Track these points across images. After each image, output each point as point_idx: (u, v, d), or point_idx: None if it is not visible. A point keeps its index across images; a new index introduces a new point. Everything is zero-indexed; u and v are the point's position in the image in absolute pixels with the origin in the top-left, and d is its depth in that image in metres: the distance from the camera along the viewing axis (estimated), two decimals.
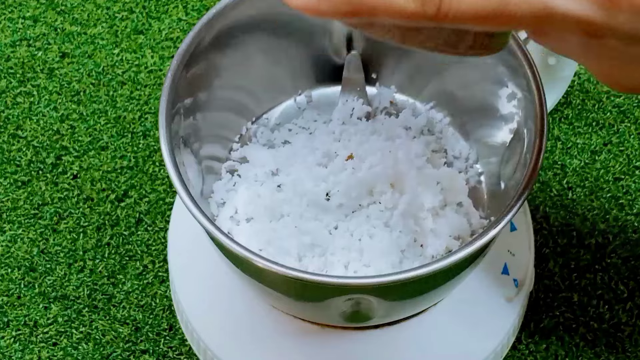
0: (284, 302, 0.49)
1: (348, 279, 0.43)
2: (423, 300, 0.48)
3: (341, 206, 0.49)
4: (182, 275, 0.54)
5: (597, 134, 0.64)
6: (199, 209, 0.41)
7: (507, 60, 0.46)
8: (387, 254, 0.47)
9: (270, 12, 0.49)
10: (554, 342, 0.56)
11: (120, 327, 0.56)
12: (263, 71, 0.52)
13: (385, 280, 0.40)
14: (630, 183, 0.62)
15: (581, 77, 0.66)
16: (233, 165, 0.52)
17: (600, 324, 0.57)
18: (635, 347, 0.56)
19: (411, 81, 0.54)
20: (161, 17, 0.69)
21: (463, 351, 0.51)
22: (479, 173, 0.52)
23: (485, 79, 0.49)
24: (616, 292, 0.58)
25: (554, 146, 0.64)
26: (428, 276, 0.40)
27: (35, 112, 0.64)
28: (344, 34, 0.52)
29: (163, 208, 0.60)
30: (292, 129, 0.53)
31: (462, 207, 0.50)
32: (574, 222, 0.61)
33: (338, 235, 0.48)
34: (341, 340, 0.50)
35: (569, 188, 0.62)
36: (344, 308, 0.45)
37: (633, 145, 0.63)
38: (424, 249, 0.48)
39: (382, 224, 0.48)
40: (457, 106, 0.53)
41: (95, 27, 0.68)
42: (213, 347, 0.51)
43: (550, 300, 0.57)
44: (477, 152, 0.52)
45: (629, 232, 0.60)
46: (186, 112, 0.47)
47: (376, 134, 0.51)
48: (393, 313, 0.49)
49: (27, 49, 0.67)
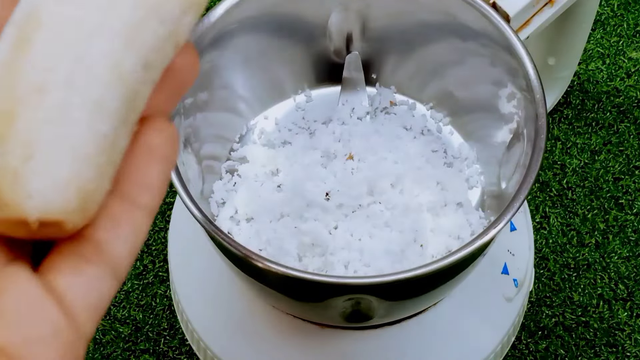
0: (284, 302, 0.49)
1: (348, 279, 0.43)
2: (423, 300, 0.48)
3: (341, 206, 0.49)
4: (182, 275, 0.54)
5: (596, 134, 0.64)
6: (199, 209, 0.41)
7: (507, 60, 0.46)
8: (387, 254, 0.47)
9: (270, 12, 0.49)
10: (554, 342, 0.56)
11: (120, 327, 0.56)
12: (263, 71, 0.52)
13: (385, 280, 0.40)
14: (630, 183, 0.62)
15: (581, 77, 0.66)
16: (233, 165, 0.52)
17: (600, 323, 0.57)
18: (635, 347, 0.56)
19: (411, 81, 0.54)
20: None
21: (463, 351, 0.51)
22: (479, 173, 0.52)
23: (485, 79, 0.49)
24: (616, 292, 0.58)
25: (554, 146, 0.64)
26: (428, 276, 0.40)
27: None
28: (344, 34, 0.52)
29: (163, 208, 0.60)
30: (292, 129, 0.53)
31: (462, 207, 0.50)
32: (574, 222, 0.61)
33: (338, 235, 0.48)
34: (341, 340, 0.51)
35: (569, 188, 0.62)
36: (344, 308, 0.45)
37: (633, 145, 0.63)
38: (424, 249, 0.48)
39: (382, 224, 0.48)
40: (457, 106, 0.53)
41: None
42: (213, 347, 0.51)
43: (550, 300, 0.57)
44: (477, 152, 0.52)
45: (628, 232, 0.60)
46: (186, 112, 0.47)
47: (376, 134, 0.51)
48: (393, 313, 0.49)
49: None
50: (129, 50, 0.24)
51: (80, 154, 0.23)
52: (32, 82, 0.22)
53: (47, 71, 0.23)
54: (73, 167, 0.22)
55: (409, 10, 0.49)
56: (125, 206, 0.25)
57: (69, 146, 0.22)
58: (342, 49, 0.53)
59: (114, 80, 0.24)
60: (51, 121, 0.22)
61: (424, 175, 0.50)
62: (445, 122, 0.53)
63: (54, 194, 0.22)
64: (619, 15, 0.70)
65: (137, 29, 0.24)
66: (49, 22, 0.23)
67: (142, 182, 0.25)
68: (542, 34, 0.55)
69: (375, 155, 0.50)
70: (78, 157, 0.23)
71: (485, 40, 0.47)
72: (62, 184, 0.22)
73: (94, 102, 0.23)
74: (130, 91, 0.24)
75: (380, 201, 0.49)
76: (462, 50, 0.49)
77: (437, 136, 0.53)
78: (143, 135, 0.26)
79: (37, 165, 0.22)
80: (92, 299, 0.24)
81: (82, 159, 0.23)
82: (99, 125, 0.23)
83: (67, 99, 0.23)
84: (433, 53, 0.51)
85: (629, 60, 0.68)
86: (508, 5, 0.48)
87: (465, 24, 0.47)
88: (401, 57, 0.53)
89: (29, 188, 0.22)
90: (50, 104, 0.22)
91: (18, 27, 0.23)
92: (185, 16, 0.25)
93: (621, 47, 0.68)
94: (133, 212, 0.25)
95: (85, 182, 0.23)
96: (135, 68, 0.24)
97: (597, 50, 0.68)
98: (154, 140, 0.26)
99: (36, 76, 0.22)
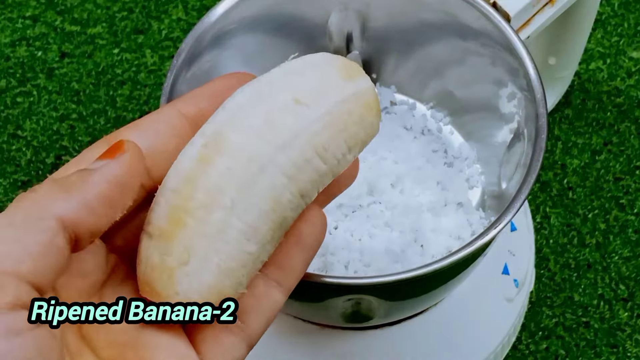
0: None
1: (348, 279, 0.43)
2: (423, 301, 0.48)
3: (341, 206, 0.48)
4: None
5: (597, 134, 0.64)
6: None
7: (507, 60, 0.46)
8: (387, 254, 0.47)
9: (270, 12, 0.49)
10: (554, 342, 0.56)
11: None
12: (263, 71, 0.52)
13: (385, 280, 0.40)
14: (630, 183, 0.62)
15: (581, 77, 0.66)
16: None
17: (601, 324, 0.57)
18: (636, 348, 0.56)
19: (411, 81, 0.54)
20: (161, 17, 0.69)
21: (463, 351, 0.51)
22: (479, 173, 0.52)
23: (485, 79, 0.49)
24: (616, 292, 0.58)
25: (554, 146, 0.63)
26: (428, 276, 0.40)
27: (35, 112, 0.64)
28: (344, 34, 0.52)
29: None
30: None
31: (462, 207, 0.50)
32: (574, 222, 0.61)
33: (338, 235, 0.48)
34: (341, 340, 0.50)
35: (569, 188, 0.62)
36: (344, 308, 0.45)
37: (633, 145, 0.63)
38: (424, 249, 0.48)
39: (382, 224, 0.48)
40: (458, 106, 0.53)
41: (95, 27, 0.68)
42: None
43: (551, 300, 0.57)
44: (478, 152, 0.52)
45: (629, 232, 0.60)
46: None
47: None
48: (393, 313, 0.49)
49: (27, 48, 0.67)
50: (290, 186, 0.27)
51: (225, 268, 0.26)
52: (203, 199, 0.26)
53: (217, 193, 0.26)
54: (216, 277, 0.26)
55: (409, 10, 0.49)
56: (268, 286, 0.28)
57: (218, 260, 0.26)
58: (342, 49, 0.53)
59: (270, 209, 0.27)
60: (210, 236, 0.26)
61: (424, 175, 0.50)
62: (446, 122, 0.53)
63: (196, 296, 0.26)
64: (620, 14, 0.70)
65: (302, 169, 0.27)
66: (229, 149, 0.26)
67: (287, 267, 0.29)
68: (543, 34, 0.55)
69: (375, 155, 0.50)
70: (222, 270, 0.26)
71: (486, 40, 0.47)
72: (205, 290, 0.26)
73: (248, 225, 0.27)
74: (282, 218, 0.27)
75: (380, 201, 0.49)
76: (463, 50, 0.49)
77: (438, 136, 0.53)
78: (296, 224, 0.29)
79: (189, 270, 0.26)
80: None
81: (225, 272, 0.26)
82: (248, 246, 0.27)
83: (227, 220, 0.26)
84: (433, 53, 0.51)
85: (630, 60, 0.67)
86: (508, 5, 0.48)
87: (465, 24, 0.47)
88: (401, 57, 0.53)
89: (178, 288, 0.26)
90: (213, 221, 0.26)
91: (205, 144, 0.27)
92: (349, 154, 0.29)
93: (622, 46, 0.68)
94: (273, 292, 0.29)
95: (223, 288, 0.27)
96: (292, 199, 0.27)
97: (598, 50, 0.68)
98: (304, 231, 0.29)
99: (208, 195, 0.26)
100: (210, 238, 0.26)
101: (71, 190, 0.24)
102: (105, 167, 0.25)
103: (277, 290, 0.28)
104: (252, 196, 0.26)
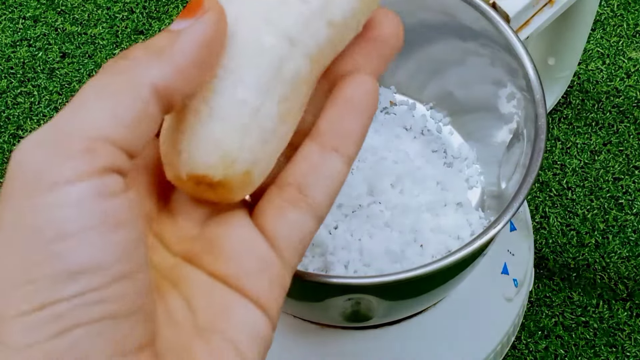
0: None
1: (348, 279, 0.43)
2: (423, 300, 0.48)
3: (341, 206, 0.49)
4: None
5: (596, 134, 0.64)
6: None
7: (507, 60, 0.46)
8: (387, 254, 0.47)
9: None
10: (553, 342, 0.56)
11: None
12: None
13: (385, 280, 0.40)
14: (629, 183, 0.62)
15: (581, 77, 0.66)
16: None
17: (600, 323, 0.57)
18: (635, 347, 0.56)
19: (411, 81, 0.54)
20: (161, 17, 0.69)
21: (463, 351, 0.51)
22: (479, 173, 0.52)
23: (485, 79, 0.49)
24: (616, 292, 0.58)
25: (553, 146, 0.64)
26: (428, 276, 0.40)
27: (35, 112, 0.64)
28: None
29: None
30: None
31: (461, 207, 0.50)
32: (574, 222, 0.61)
33: (338, 235, 0.48)
34: (341, 340, 0.50)
35: (568, 188, 0.62)
36: (344, 308, 0.45)
37: (632, 145, 0.63)
38: (424, 249, 0.48)
39: (382, 224, 0.48)
40: (457, 106, 0.53)
41: (96, 28, 0.69)
42: None
43: (550, 300, 0.57)
44: (477, 152, 0.52)
45: (628, 232, 0.60)
46: None
47: (376, 134, 0.52)
48: (393, 313, 0.49)
49: (28, 49, 0.68)
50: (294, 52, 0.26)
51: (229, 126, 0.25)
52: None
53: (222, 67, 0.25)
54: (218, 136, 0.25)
55: (408, 10, 0.49)
56: (325, 154, 0.27)
57: (221, 120, 0.25)
58: None
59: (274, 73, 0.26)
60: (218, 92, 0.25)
61: (423, 175, 0.50)
62: (445, 122, 0.53)
63: (198, 154, 0.25)
64: (619, 15, 0.70)
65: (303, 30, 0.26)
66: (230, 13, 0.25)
67: (342, 132, 0.27)
68: (542, 34, 0.55)
69: (375, 155, 0.50)
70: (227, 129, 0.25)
71: (485, 40, 0.47)
72: (210, 148, 0.25)
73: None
74: (289, 83, 0.26)
75: (380, 201, 0.49)
76: (462, 50, 0.49)
77: (437, 136, 0.53)
78: (342, 89, 0.28)
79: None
80: (296, 237, 0.27)
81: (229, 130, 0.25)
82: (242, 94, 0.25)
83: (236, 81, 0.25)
84: (433, 53, 0.51)
85: (629, 60, 0.68)
86: (508, 6, 0.48)
87: (465, 24, 0.47)
88: (401, 57, 0.53)
89: (180, 148, 0.25)
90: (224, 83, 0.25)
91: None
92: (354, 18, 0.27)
93: (621, 47, 0.68)
94: (332, 160, 0.27)
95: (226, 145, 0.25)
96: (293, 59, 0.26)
97: (597, 50, 0.68)
98: (353, 93, 0.28)
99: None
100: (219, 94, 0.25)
101: (162, 55, 0.24)
102: (192, 27, 0.24)
103: (336, 158, 0.27)
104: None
